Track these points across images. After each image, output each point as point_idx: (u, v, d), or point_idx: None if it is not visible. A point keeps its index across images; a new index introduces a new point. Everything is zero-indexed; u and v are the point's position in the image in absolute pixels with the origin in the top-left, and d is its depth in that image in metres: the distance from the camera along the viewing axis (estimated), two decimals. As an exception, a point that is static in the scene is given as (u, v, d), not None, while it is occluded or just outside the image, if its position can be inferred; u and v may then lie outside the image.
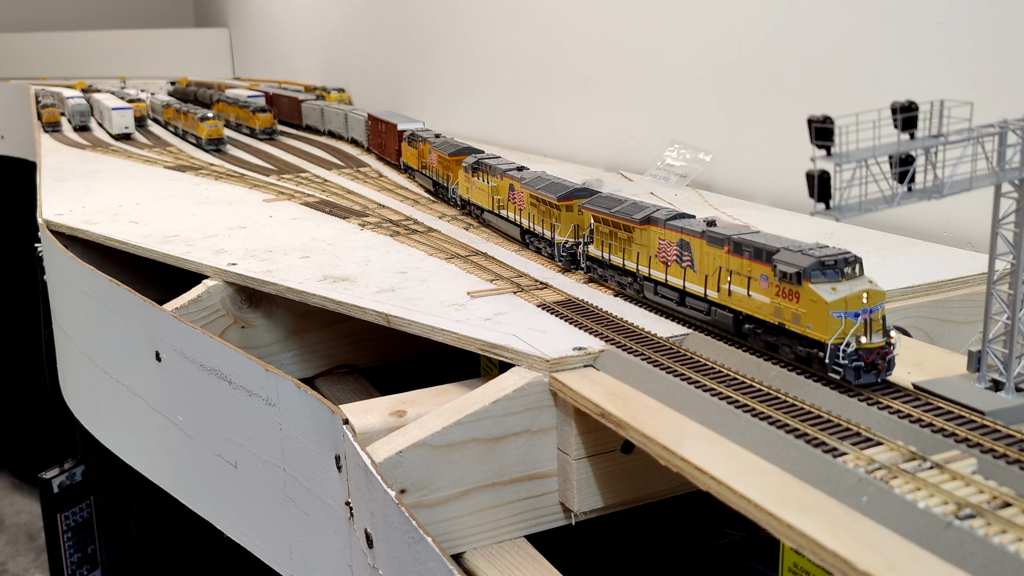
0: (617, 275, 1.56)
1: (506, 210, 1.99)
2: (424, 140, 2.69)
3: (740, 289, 1.24)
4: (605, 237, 1.59)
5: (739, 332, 1.26)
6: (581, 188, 1.73)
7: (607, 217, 1.57)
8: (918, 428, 1.00)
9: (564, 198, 1.72)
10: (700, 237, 1.33)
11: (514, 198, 1.95)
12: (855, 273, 1.12)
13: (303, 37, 6.11)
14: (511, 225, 1.97)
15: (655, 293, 1.45)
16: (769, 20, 2.40)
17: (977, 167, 1.02)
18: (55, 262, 2.25)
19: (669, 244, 1.41)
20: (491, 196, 2.06)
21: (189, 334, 1.56)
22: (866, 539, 0.82)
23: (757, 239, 1.23)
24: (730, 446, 1.02)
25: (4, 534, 5.63)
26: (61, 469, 2.72)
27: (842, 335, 1.08)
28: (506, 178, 1.99)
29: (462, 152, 2.36)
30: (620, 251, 1.54)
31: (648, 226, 1.46)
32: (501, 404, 1.21)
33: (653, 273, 1.45)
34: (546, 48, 3.43)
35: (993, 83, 1.86)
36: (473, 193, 2.18)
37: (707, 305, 1.32)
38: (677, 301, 1.39)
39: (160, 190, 2.83)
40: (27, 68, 7.51)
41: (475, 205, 2.18)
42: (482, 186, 2.11)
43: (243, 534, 1.57)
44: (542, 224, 1.81)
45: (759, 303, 1.21)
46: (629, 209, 1.52)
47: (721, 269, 1.28)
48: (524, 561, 1.20)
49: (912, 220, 2.00)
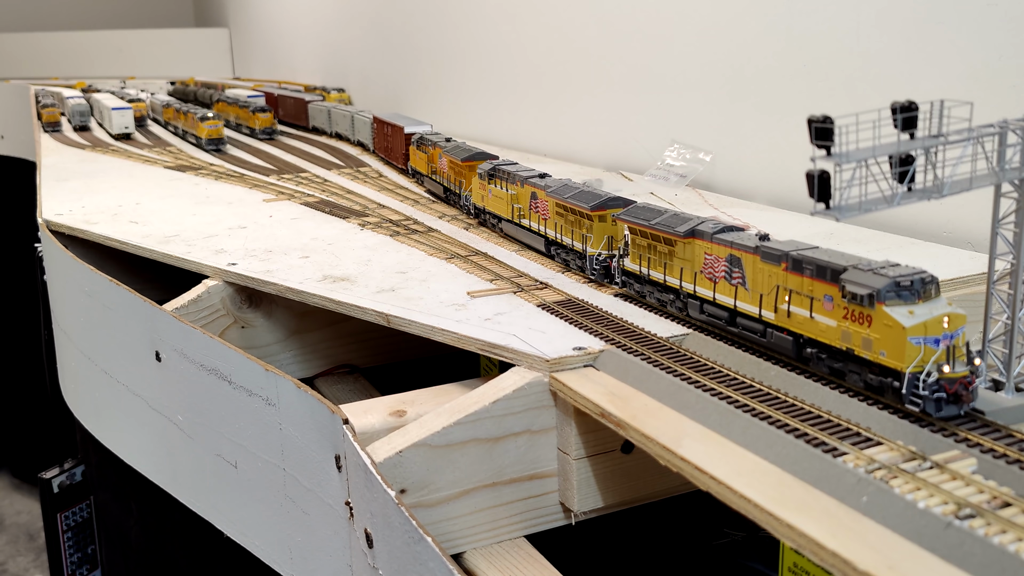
0: (657, 291, 1.45)
1: (528, 220, 1.90)
2: (434, 144, 2.59)
3: (801, 310, 1.14)
4: (643, 250, 1.48)
5: (800, 356, 1.17)
6: (615, 197, 1.64)
7: (646, 229, 1.46)
8: (918, 428, 1.00)
9: (597, 208, 1.62)
10: (753, 252, 1.23)
11: (537, 207, 1.85)
12: (933, 294, 1.03)
13: (303, 37, 6.11)
14: (534, 235, 1.87)
15: (701, 312, 1.34)
16: (769, 20, 2.40)
17: (977, 167, 1.02)
18: (55, 262, 2.25)
19: (717, 259, 1.31)
20: (510, 204, 1.96)
21: (189, 334, 1.56)
22: (866, 539, 0.82)
23: (819, 255, 1.13)
24: (730, 446, 1.02)
25: (4, 534, 5.63)
26: (61, 469, 2.72)
27: (921, 363, 1.00)
28: (527, 186, 1.89)
29: (476, 157, 2.27)
30: (660, 266, 1.43)
31: (693, 240, 1.36)
32: (501, 404, 1.21)
33: (699, 290, 1.35)
34: (546, 48, 3.43)
35: (993, 83, 1.86)
36: (489, 201, 2.07)
37: (762, 327, 1.22)
38: (727, 321, 1.29)
39: (160, 190, 2.83)
40: (27, 68, 7.51)
41: (491, 214, 2.07)
42: (500, 194, 2.00)
43: (243, 534, 1.57)
44: (571, 235, 1.71)
45: (823, 326, 1.11)
46: (671, 221, 1.41)
47: (779, 288, 1.18)
48: (524, 561, 1.20)
49: (912, 220, 2.00)
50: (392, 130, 3.13)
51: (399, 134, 3.02)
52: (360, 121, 3.73)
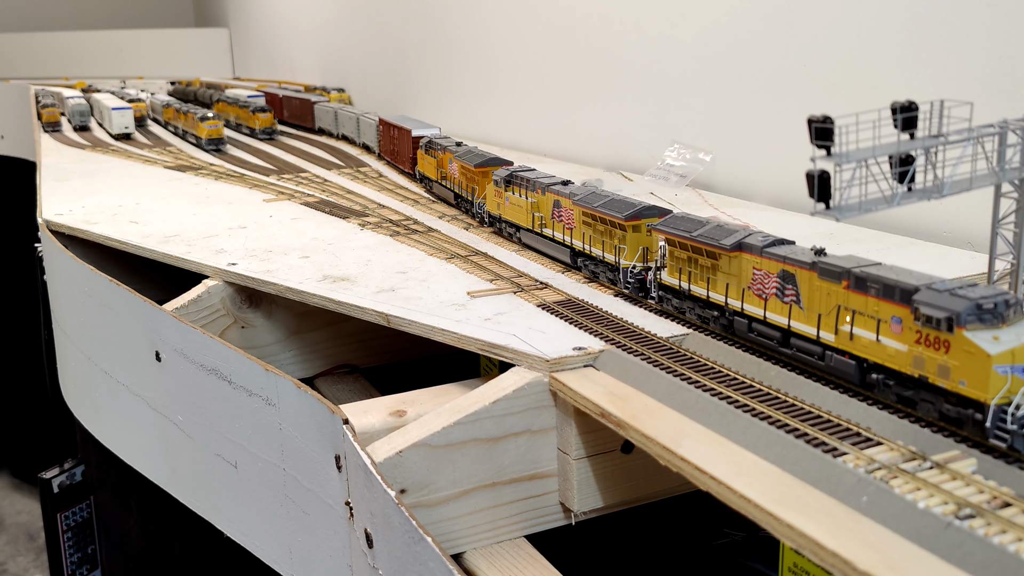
0: (698, 307, 1.36)
1: (551, 229, 1.80)
2: (444, 149, 2.48)
3: (865, 333, 1.06)
4: (682, 263, 1.39)
5: (864, 382, 1.08)
6: (649, 206, 1.55)
7: (687, 241, 1.37)
8: (918, 428, 1.00)
9: (631, 217, 1.53)
10: (809, 269, 1.15)
11: (560, 216, 1.76)
12: (1017, 317, 0.95)
13: (303, 37, 6.11)
14: (558, 246, 1.77)
15: (749, 331, 1.26)
16: (769, 20, 2.40)
17: (977, 167, 1.02)
18: (55, 262, 2.25)
19: (767, 275, 1.23)
20: (530, 213, 1.86)
21: (189, 334, 1.56)
22: (866, 539, 0.82)
23: (885, 273, 1.05)
24: (730, 446, 1.02)
25: (4, 534, 5.63)
26: (61, 469, 2.72)
27: (1008, 394, 0.92)
28: (550, 193, 1.80)
29: (490, 163, 2.17)
30: (703, 280, 1.34)
31: (740, 253, 1.27)
32: (501, 404, 1.21)
33: (747, 308, 1.26)
34: (546, 48, 3.43)
35: (993, 83, 1.86)
36: (507, 209, 1.97)
37: (820, 349, 1.14)
38: (779, 342, 1.21)
39: (160, 190, 2.83)
40: (27, 68, 7.51)
41: (508, 223, 1.98)
42: (518, 202, 1.91)
43: (243, 534, 1.57)
44: (601, 246, 1.61)
45: (892, 351, 1.03)
46: (715, 233, 1.32)
47: (840, 308, 1.10)
48: (524, 561, 1.20)
49: (912, 220, 2.00)
50: (399, 133, 3.03)
51: (406, 137, 2.91)
52: (365, 123, 3.64)
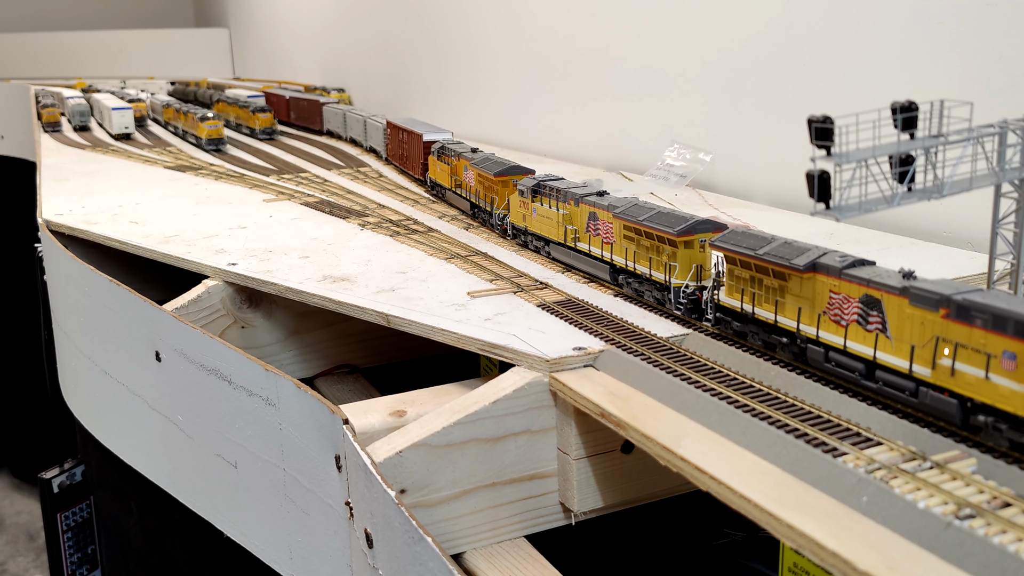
0: (763, 332, 1.25)
1: (586, 243, 1.69)
2: (458, 155, 2.35)
3: (971, 369, 0.95)
4: (744, 283, 1.28)
5: (967, 424, 0.97)
6: (703, 220, 1.43)
7: (750, 259, 1.25)
8: (918, 428, 1.00)
9: (684, 232, 1.41)
10: (898, 294, 1.04)
11: (597, 229, 1.65)
12: None
13: (303, 37, 6.11)
14: (595, 262, 1.66)
15: (826, 361, 1.14)
16: (769, 20, 2.40)
17: (977, 167, 1.02)
18: (55, 262, 2.25)
19: (846, 299, 1.12)
20: (561, 226, 1.74)
21: (189, 334, 1.57)
22: (866, 539, 0.82)
23: (993, 301, 0.93)
24: (730, 446, 1.02)
25: (4, 534, 5.63)
26: (61, 469, 2.72)
27: None
28: (584, 205, 1.68)
29: (510, 171, 2.04)
30: (769, 303, 1.23)
31: (815, 275, 1.16)
32: (501, 404, 1.21)
33: (823, 336, 1.15)
34: (546, 48, 3.43)
35: (993, 83, 1.86)
36: (534, 221, 1.85)
37: (913, 384, 1.03)
38: (861, 374, 1.10)
39: (160, 190, 2.83)
40: (27, 68, 7.51)
41: (535, 235, 1.86)
42: (548, 213, 1.79)
43: (243, 534, 1.57)
44: (648, 263, 1.49)
45: (1005, 391, 0.91)
46: (783, 251, 1.21)
47: (939, 340, 0.98)
48: (524, 561, 1.20)
49: (912, 220, 2.01)
50: (408, 137, 2.87)
51: (416, 142, 2.76)
52: (372, 126, 3.50)
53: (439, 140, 2.61)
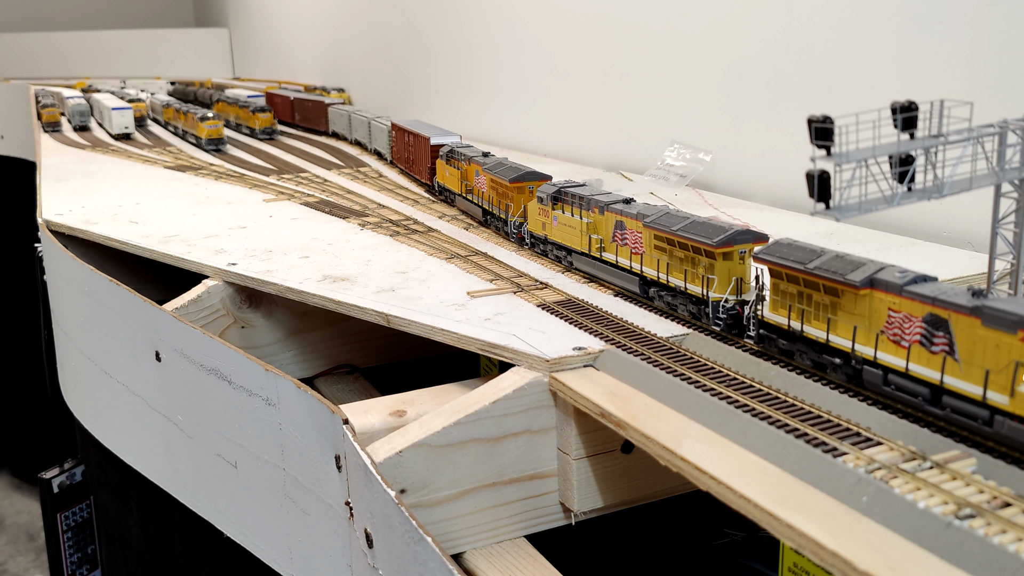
0: (812, 352, 1.17)
1: (612, 254, 1.60)
2: (468, 159, 2.27)
3: None
4: (791, 299, 1.20)
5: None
6: (743, 231, 1.35)
7: (799, 274, 1.17)
8: (918, 428, 1.00)
9: (723, 243, 1.33)
10: (969, 314, 0.95)
11: (624, 238, 1.57)
12: None
13: (303, 37, 6.11)
14: (623, 273, 1.57)
15: (885, 383, 1.06)
16: (770, 19, 2.40)
17: (977, 167, 1.02)
18: (55, 262, 2.25)
19: (907, 319, 1.03)
20: (585, 235, 1.67)
21: (189, 334, 1.57)
22: (866, 539, 0.82)
23: None
24: (730, 446, 1.02)
25: (4, 534, 5.63)
26: (61, 469, 2.72)
27: None
28: (610, 213, 1.61)
29: (526, 177, 1.96)
30: (820, 320, 1.15)
31: (872, 291, 1.08)
32: (501, 404, 1.21)
33: (881, 357, 1.06)
34: (546, 48, 3.43)
35: (993, 83, 1.86)
36: (554, 230, 1.77)
37: (987, 412, 0.95)
38: (926, 399, 1.02)
39: (160, 190, 2.83)
40: (27, 68, 7.51)
41: (556, 244, 1.77)
42: (570, 222, 1.71)
43: (243, 534, 1.57)
44: (684, 275, 1.41)
45: None
46: (836, 265, 1.12)
47: (1018, 366, 0.90)
48: (524, 561, 1.20)
49: (912, 220, 2.01)
50: (415, 140, 2.77)
51: (423, 145, 2.67)
52: (377, 128, 3.40)
53: (447, 143, 2.52)
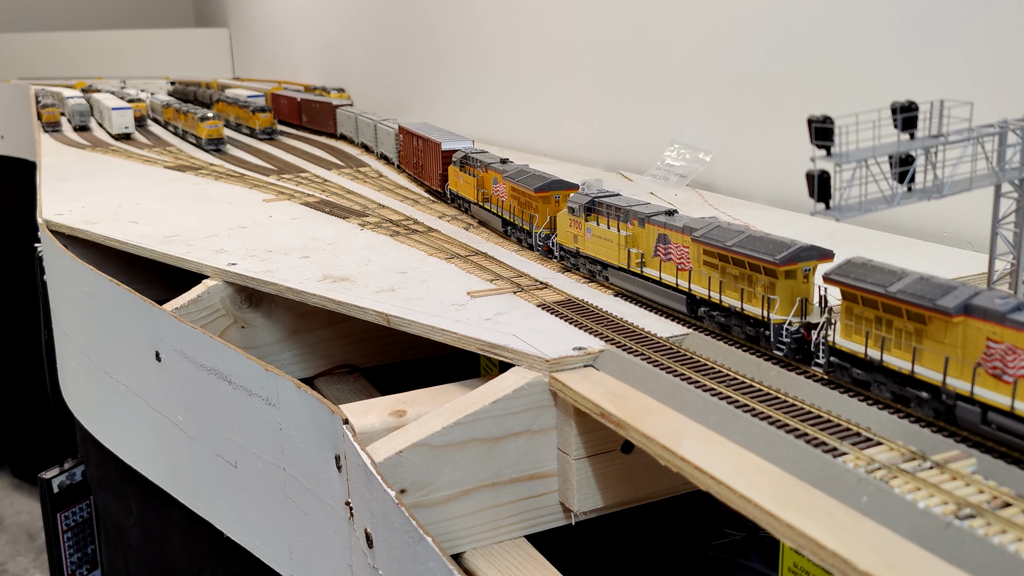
0: (892, 383, 1.05)
1: (655, 270, 1.49)
2: (485, 166, 2.14)
3: None
4: (868, 325, 1.08)
5: None
6: (808, 247, 1.22)
7: (879, 298, 1.05)
8: (918, 428, 1.00)
9: (788, 261, 1.21)
10: None
11: (669, 253, 1.46)
12: None
13: (303, 37, 6.11)
14: (668, 291, 1.45)
15: (983, 422, 0.94)
16: (769, 20, 2.40)
17: (977, 167, 1.02)
18: (55, 262, 2.25)
19: (1011, 351, 0.91)
20: (623, 249, 1.55)
21: (189, 334, 1.57)
22: (866, 539, 0.82)
23: None
24: (730, 446, 1.02)
25: (4, 534, 5.63)
26: (61, 469, 2.72)
27: None
28: (652, 225, 1.50)
29: (553, 186, 1.84)
30: (902, 349, 1.04)
31: (968, 319, 0.96)
32: (501, 404, 1.21)
33: (980, 393, 0.94)
34: (546, 48, 3.43)
35: (993, 83, 1.86)
36: (588, 243, 1.65)
37: None
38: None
39: (160, 190, 2.83)
40: (27, 68, 7.50)
41: (590, 259, 1.66)
42: (605, 234, 1.60)
43: (243, 534, 1.57)
44: (740, 295, 1.29)
45: None
46: (922, 289, 1.00)
47: None
48: (524, 561, 1.20)
49: (912, 220, 2.00)
50: (424, 144, 2.65)
51: (434, 150, 2.54)
52: (383, 131, 3.29)
53: (460, 149, 2.39)
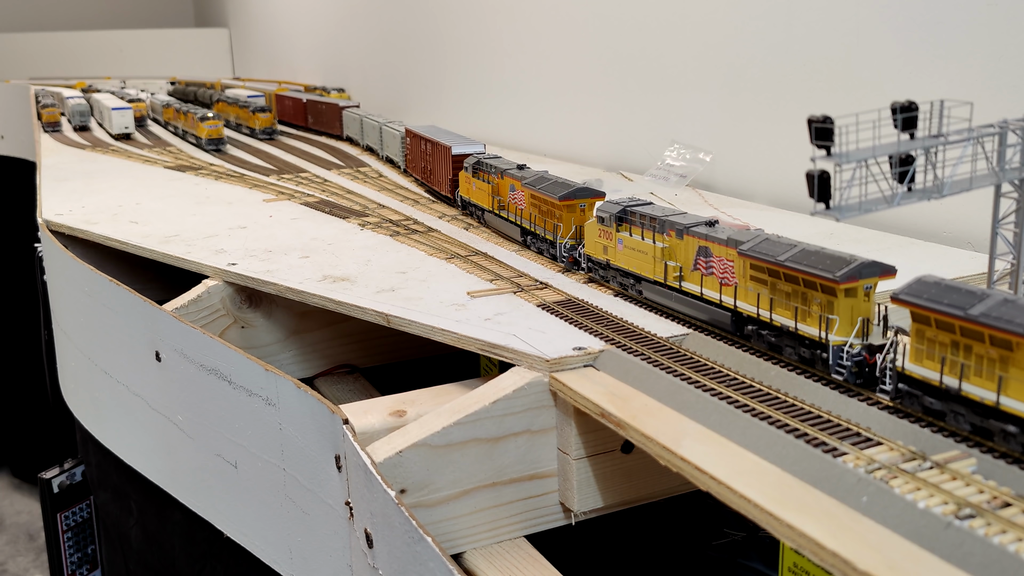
0: (972, 414, 0.96)
1: (695, 284, 1.40)
2: (501, 172, 2.04)
3: None
4: (944, 350, 0.98)
5: None
6: (869, 263, 1.12)
7: (957, 321, 0.95)
8: (918, 428, 1.00)
9: (848, 278, 1.11)
10: None
11: (710, 266, 1.37)
12: None
13: (303, 37, 6.11)
14: (709, 307, 1.36)
15: None
16: (769, 20, 2.40)
17: (977, 167, 1.03)
18: (55, 262, 2.25)
19: None
20: (659, 261, 1.46)
21: (189, 334, 1.57)
22: (866, 539, 0.82)
23: None
24: (730, 446, 1.02)
25: (4, 534, 5.63)
26: (61, 469, 2.72)
27: None
28: (691, 237, 1.42)
29: (578, 194, 1.73)
30: (983, 378, 0.94)
31: None
32: (501, 404, 1.21)
33: None
34: (546, 48, 3.43)
35: (993, 83, 1.86)
36: (619, 255, 1.57)
37: None
38: None
39: (160, 190, 2.83)
40: (27, 68, 7.50)
41: (621, 271, 1.56)
42: (639, 245, 1.51)
43: (243, 534, 1.57)
44: (794, 314, 1.19)
45: None
46: (1007, 312, 0.90)
47: None
48: (524, 561, 1.20)
49: (912, 220, 2.01)
50: (433, 148, 2.55)
51: (443, 155, 2.44)
52: (389, 134, 3.18)
53: (471, 153, 2.29)
